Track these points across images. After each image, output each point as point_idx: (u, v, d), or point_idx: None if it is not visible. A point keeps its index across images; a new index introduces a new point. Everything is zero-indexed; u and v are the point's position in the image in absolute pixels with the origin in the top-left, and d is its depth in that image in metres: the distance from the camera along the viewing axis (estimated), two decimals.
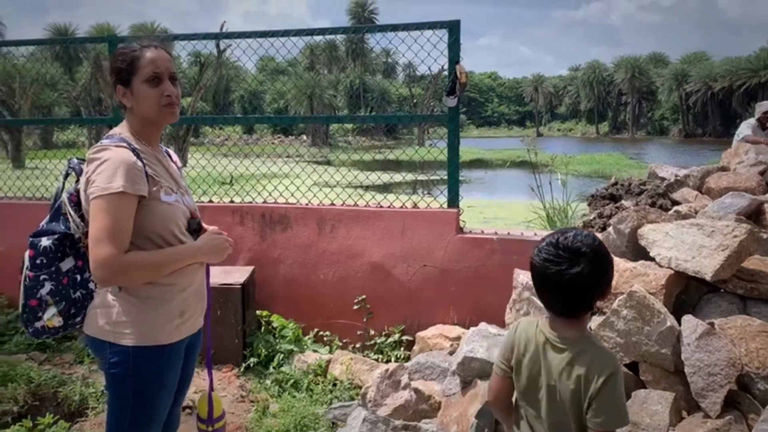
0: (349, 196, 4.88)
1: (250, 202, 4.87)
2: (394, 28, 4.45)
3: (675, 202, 4.72)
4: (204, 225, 2.18)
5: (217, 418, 2.27)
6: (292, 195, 4.85)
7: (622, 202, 4.85)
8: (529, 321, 1.90)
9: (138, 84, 2.01)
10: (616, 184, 5.64)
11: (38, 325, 1.97)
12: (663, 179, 5.31)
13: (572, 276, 1.68)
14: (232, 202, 4.93)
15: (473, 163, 36.40)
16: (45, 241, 1.96)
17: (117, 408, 2.01)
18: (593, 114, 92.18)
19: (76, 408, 3.81)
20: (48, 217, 2.02)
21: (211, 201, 5.00)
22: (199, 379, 4.01)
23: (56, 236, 1.97)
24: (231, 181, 7.88)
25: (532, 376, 1.81)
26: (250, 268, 4.54)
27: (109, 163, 1.87)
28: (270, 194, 4.90)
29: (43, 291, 1.94)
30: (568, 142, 68.16)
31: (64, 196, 2.01)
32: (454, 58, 4.23)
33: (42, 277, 1.94)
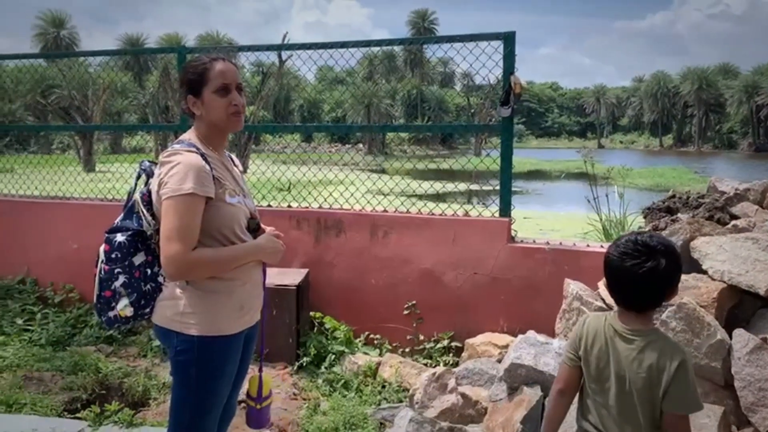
0: (401, 203, 4.97)
1: (306, 208, 5.03)
2: (450, 39, 4.54)
3: (734, 216, 4.62)
4: (262, 225, 2.33)
5: (266, 397, 2.42)
6: (347, 201, 4.98)
7: (679, 215, 4.79)
8: (596, 315, 2.05)
9: (208, 94, 2.17)
10: (674, 197, 5.55)
11: (111, 314, 2.14)
12: (723, 193, 5.20)
13: (647, 269, 1.83)
14: (289, 207, 5.10)
15: (531, 173, 36.02)
16: (119, 237, 2.13)
17: (181, 392, 2.17)
18: (657, 126, 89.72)
19: (139, 398, 4.03)
20: (122, 214, 2.20)
21: (270, 205, 5.19)
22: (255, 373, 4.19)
23: (130, 233, 2.14)
24: (289, 187, 8.10)
25: (600, 366, 1.94)
26: (305, 271, 4.69)
27: (181, 167, 2.03)
28: (325, 200, 5.06)
29: (117, 283, 2.11)
30: (631, 154, 66.53)
31: (137, 195, 2.17)
32: (508, 68, 4.29)
33: (116, 270, 2.11)
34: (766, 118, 71.42)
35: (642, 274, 1.83)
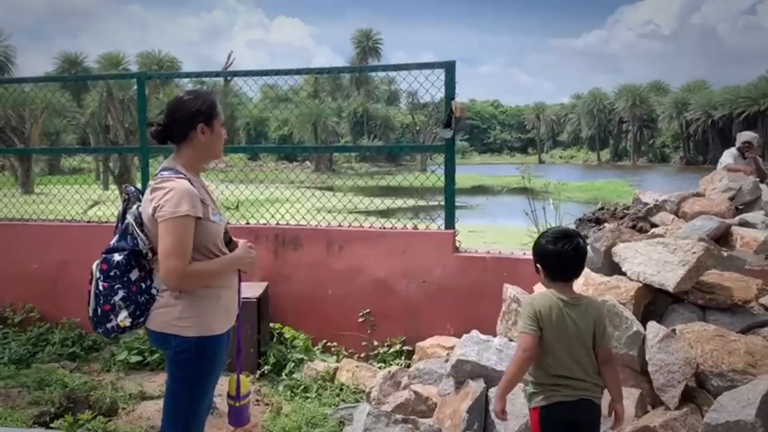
0: (355, 219, 5.28)
1: (265, 224, 5.31)
2: (397, 67, 4.94)
3: (654, 225, 5.14)
4: (233, 238, 2.65)
5: (244, 395, 2.71)
6: (293, 217, 5.28)
7: (605, 224, 5.28)
8: (540, 294, 2.66)
9: (218, 126, 2.53)
10: (602, 208, 6.08)
11: (109, 325, 2.40)
12: (645, 204, 5.74)
13: (574, 246, 2.54)
14: (248, 223, 5.37)
15: (475, 189, 36.85)
16: (117, 257, 2.40)
17: (179, 387, 2.47)
18: (595, 141, 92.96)
19: (107, 409, 4.19)
20: (117, 236, 2.46)
21: (228, 223, 5.44)
22: (225, 386, 4.42)
23: (126, 252, 2.41)
24: (237, 205, 8.30)
25: (561, 329, 2.51)
26: (264, 284, 4.95)
27: (175, 192, 2.33)
28: (272, 217, 5.34)
29: (117, 297, 2.38)
30: (570, 169, 68.71)
31: (130, 218, 2.44)
32: (449, 94, 4.71)
33: (116, 287, 2.38)
34: (695, 133, 75.10)
35: (572, 249, 2.53)
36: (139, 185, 4.96)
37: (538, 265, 2.64)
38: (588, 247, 4.10)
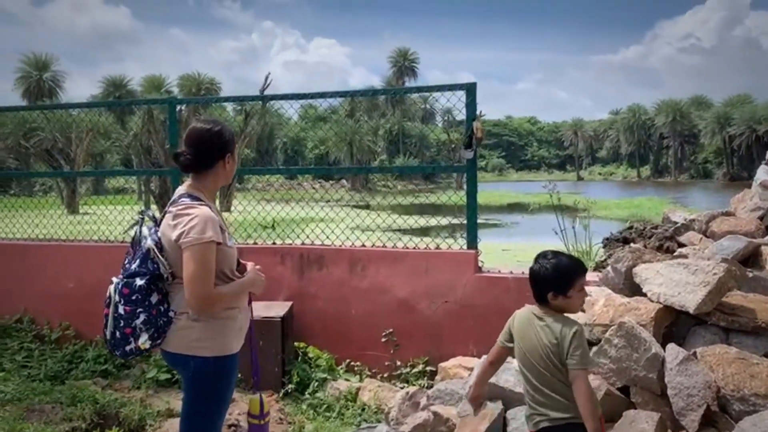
0: (389, 239, 5.32)
1: (290, 244, 5.40)
2: (418, 90, 5.03)
3: (681, 245, 5.06)
4: (242, 261, 2.76)
5: (266, 414, 2.81)
6: (327, 237, 5.34)
7: (631, 244, 5.22)
8: (525, 308, 2.79)
9: (235, 154, 2.67)
10: (631, 228, 6.01)
11: (127, 348, 2.49)
12: (674, 223, 5.66)
13: (532, 270, 2.73)
14: (274, 244, 5.47)
15: (512, 206, 36.61)
16: (139, 281, 2.48)
17: (197, 405, 2.56)
18: (634, 158, 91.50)
19: (135, 426, 4.31)
20: (138, 260, 2.53)
21: (255, 243, 5.55)
22: (241, 403, 4.51)
23: (147, 276, 2.49)
24: (273, 224, 8.45)
25: (526, 339, 2.64)
26: (289, 304, 5.03)
27: (199, 219, 2.44)
28: (308, 237, 5.42)
29: (138, 321, 2.46)
30: (609, 185, 67.71)
31: (151, 243, 2.51)
32: (471, 115, 4.74)
33: (138, 310, 2.46)
34: (739, 148, 73.28)
35: (532, 272, 2.72)
36: None
37: None
38: (609, 267, 4.10)
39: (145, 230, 2.58)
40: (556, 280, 2.63)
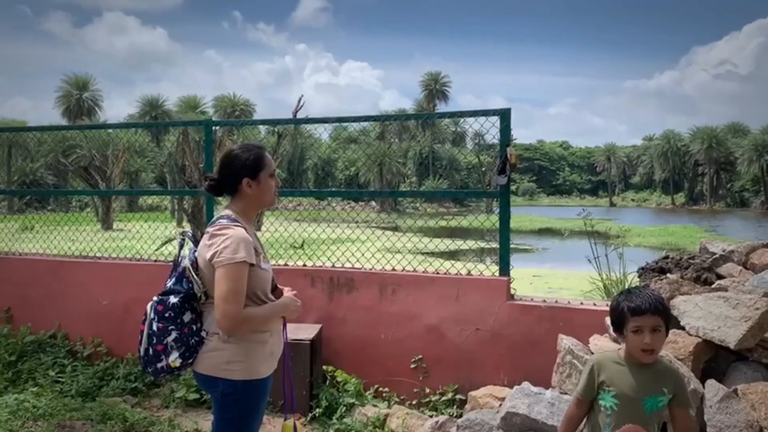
0: (416, 261, 5.28)
1: (320, 266, 5.40)
2: (452, 115, 5.01)
3: (720, 277, 4.93)
4: (278, 285, 2.75)
5: None
6: (357, 261, 5.33)
7: (668, 275, 5.10)
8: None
9: (265, 177, 2.64)
10: (667, 257, 5.86)
11: (159, 365, 2.51)
12: (712, 254, 5.52)
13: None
14: (304, 266, 5.48)
15: (543, 231, 36.27)
16: (173, 299, 2.52)
17: (226, 428, 2.56)
18: (668, 184, 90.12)
19: None
20: (173, 279, 2.58)
21: (286, 264, 5.57)
22: (269, 426, 4.49)
23: (181, 294, 2.53)
24: (302, 245, 8.49)
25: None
26: (318, 326, 5.02)
27: (233, 239, 2.45)
28: (338, 259, 5.42)
29: (170, 338, 2.49)
30: (643, 212, 66.73)
31: (187, 263, 2.56)
32: (504, 141, 4.71)
33: (170, 328, 2.49)
34: None
35: None
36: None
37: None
38: None
39: (185, 250, 2.61)
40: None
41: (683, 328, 3.50)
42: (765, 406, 2.97)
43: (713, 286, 4.47)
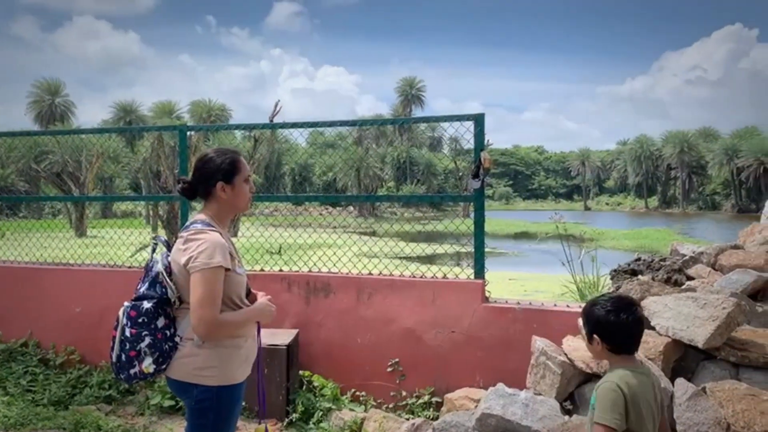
0: (396, 267, 5.27)
1: (297, 271, 5.40)
2: (427, 120, 5.06)
3: (690, 278, 5.03)
4: (252, 290, 2.76)
5: None
6: (334, 265, 5.34)
7: (639, 276, 5.19)
8: (622, 377, 2.29)
9: (240, 182, 2.64)
10: (638, 259, 5.97)
11: (132, 371, 2.48)
12: (682, 256, 5.63)
13: (641, 317, 2.40)
14: (281, 270, 5.47)
15: (519, 235, 36.55)
16: (146, 304, 2.50)
17: None
18: (642, 188, 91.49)
19: None
20: (146, 284, 2.56)
21: (262, 270, 5.56)
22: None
23: (155, 300, 2.51)
24: (279, 250, 8.46)
25: (653, 405, 2.31)
26: (295, 331, 5.01)
27: (209, 244, 2.45)
28: (315, 264, 5.42)
29: (143, 344, 2.46)
30: (617, 216, 67.61)
31: (161, 268, 2.54)
32: (479, 146, 4.76)
33: (144, 333, 2.47)
34: (747, 180, 73.17)
35: (634, 321, 2.35)
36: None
37: (596, 336, 2.37)
38: None
39: (157, 255, 2.60)
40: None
41: (653, 328, 3.57)
42: (732, 403, 3.05)
43: (683, 287, 4.57)
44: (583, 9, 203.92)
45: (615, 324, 2.32)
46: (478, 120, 4.78)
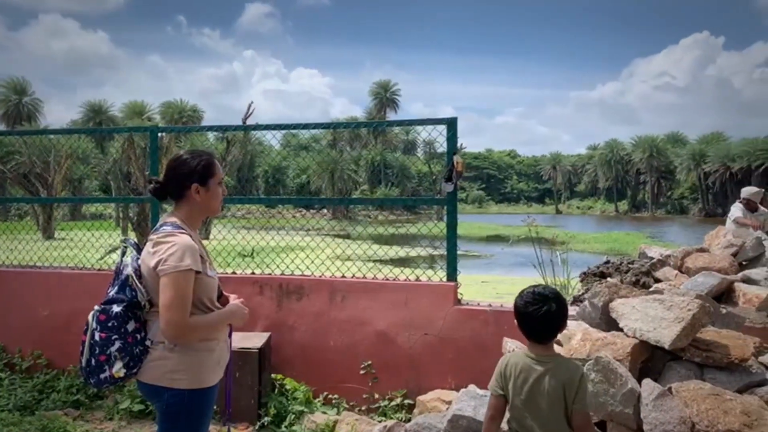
0: (370, 270, 5.28)
1: (269, 274, 5.38)
2: (400, 123, 5.07)
3: (657, 280, 5.14)
4: (225, 293, 2.74)
5: None
6: (308, 268, 5.33)
7: (608, 279, 5.28)
8: (515, 353, 2.71)
9: (214, 185, 2.63)
10: (607, 262, 6.08)
11: (102, 376, 2.45)
12: (650, 258, 5.74)
13: (544, 312, 2.54)
14: (253, 273, 5.45)
15: (491, 238, 36.81)
16: (116, 308, 2.46)
17: None
18: (612, 192, 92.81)
19: None
20: (116, 287, 2.52)
21: (234, 272, 5.52)
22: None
23: (125, 303, 2.48)
24: (252, 253, 8.41)
25: (525, 388, 2.54)
26: (267, 334, 4.99)
27: (178, 247, 2.43)
28: (288, 267, 5.41)
29: (113, 348, 2.43)
30: (587, 219, 68.47)
31: (130, 271, 2.51)
32: (451, 149, 4.81)
33: (113, 337, 2.44)
34: (713, 184, 74.74)
35: (541, 315, 2.54)
36: None
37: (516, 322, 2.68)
38: (586, 302, 4.14)
39: (127, 258, 2.57)
40: (563, 315, 2.60)
41: (621, 330, 3.63)
42: (696, 402, 3.11)
43: (650, 289, 4.66)
44: (555, 16, 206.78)
45: (524, 315, 2.60)
46: (451, 124, 4.82)
